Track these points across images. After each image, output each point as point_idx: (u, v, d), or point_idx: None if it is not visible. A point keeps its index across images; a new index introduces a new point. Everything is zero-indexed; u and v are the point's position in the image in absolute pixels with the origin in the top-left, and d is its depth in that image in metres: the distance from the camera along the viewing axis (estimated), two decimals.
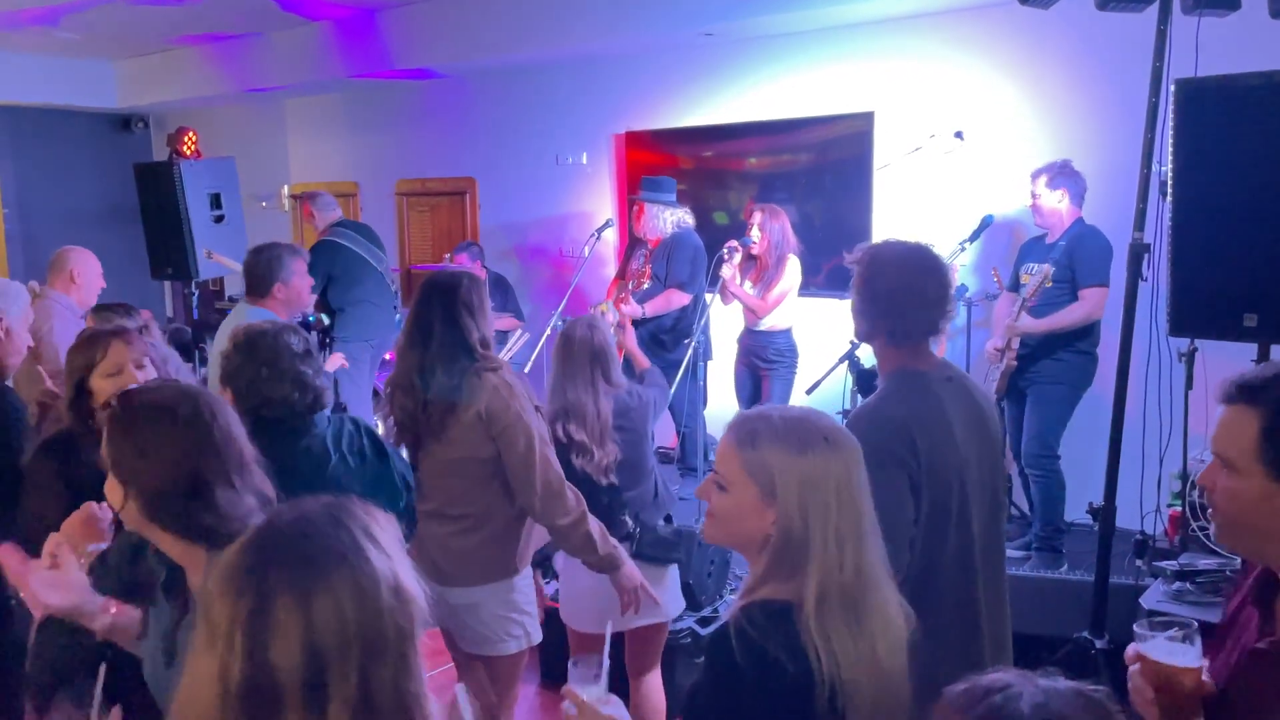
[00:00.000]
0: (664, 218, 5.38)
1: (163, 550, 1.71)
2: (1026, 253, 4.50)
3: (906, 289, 2.18)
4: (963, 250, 4.74)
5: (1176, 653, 1.47)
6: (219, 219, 5.92)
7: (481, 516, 2.74)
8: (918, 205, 5.23)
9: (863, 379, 3.39)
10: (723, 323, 5.56)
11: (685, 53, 6.12)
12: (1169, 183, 3.11)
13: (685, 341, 5.04)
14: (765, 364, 5.24)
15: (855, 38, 5.47)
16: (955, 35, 5.15)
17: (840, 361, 4.09)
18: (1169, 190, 3.12)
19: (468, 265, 6.14)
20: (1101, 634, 3.24)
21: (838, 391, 4.22)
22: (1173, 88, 3.06)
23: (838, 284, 4.49)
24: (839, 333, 4.18)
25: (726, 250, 5.00)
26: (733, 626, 1.49)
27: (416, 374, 2.70)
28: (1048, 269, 4.14)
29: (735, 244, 5.04)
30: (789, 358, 5.22)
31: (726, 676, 1.48)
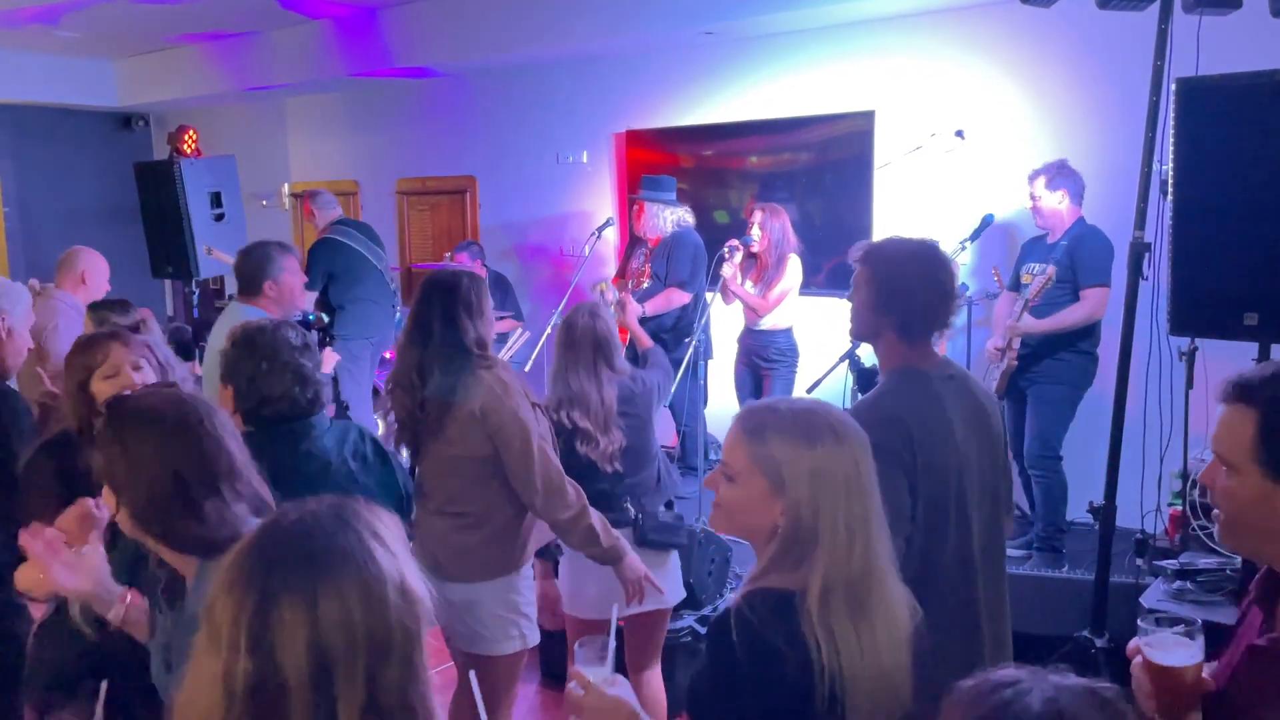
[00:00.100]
0: (664, 216, 5.38)
1: (161, 556, 1.71)
2: (1028, 252, 4.49)
3: (920, 280, 2.18)
4: (963, 249, 4.73)
5: (1178, 648, 1.47)
6: (219, 218, 5.91)
7: (482, 515, 2.74)
8: (918, 204, 5.23)
9: (863, 378, 3.38)
10: (723, 322, 5.56)
11: (686, 51, 6.12)
12: (1169, 182, 3.11)
13: (686, 340, 5.03)
14: (766, 363, 5.24)
15: (856, 36, 5.47)
16: (956, 34, 5.14)
17: (841, 360, 4.08)
18: (1169, 189, 3.12)
19: (468, 264, 6.12)
20: (1102, 633, 3.24)
21: (838, 391, 4.20)
22: (1173, 87, 3.06)
23: (838, 283, 4.49)
24: (840, 332, 4.14)
25: (727, 249, 5.00)
26: (733, 613, 1.49)
27: (415, 372, 2.71)
28: (1051, 270, 4.13)
29: (736, 243, 5.03)
30: (790, 357, 5.22)
31: (726, 662, 1.48)
